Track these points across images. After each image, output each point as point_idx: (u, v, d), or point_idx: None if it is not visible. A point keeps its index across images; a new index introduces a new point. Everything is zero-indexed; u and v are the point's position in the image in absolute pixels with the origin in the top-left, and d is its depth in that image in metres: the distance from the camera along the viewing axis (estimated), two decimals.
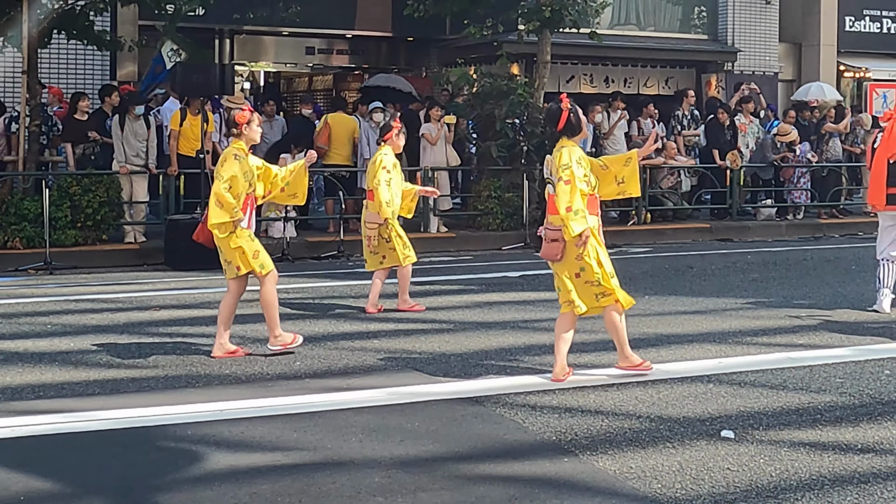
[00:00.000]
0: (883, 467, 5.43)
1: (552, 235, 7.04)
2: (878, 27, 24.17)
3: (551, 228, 7.07)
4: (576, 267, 7.06)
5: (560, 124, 7.10)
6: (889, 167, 9.79)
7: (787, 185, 18.13)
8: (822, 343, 8.41)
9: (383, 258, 9.77)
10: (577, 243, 6.92)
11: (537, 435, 5.96)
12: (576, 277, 7.09)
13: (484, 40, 16.82)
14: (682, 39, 21.95)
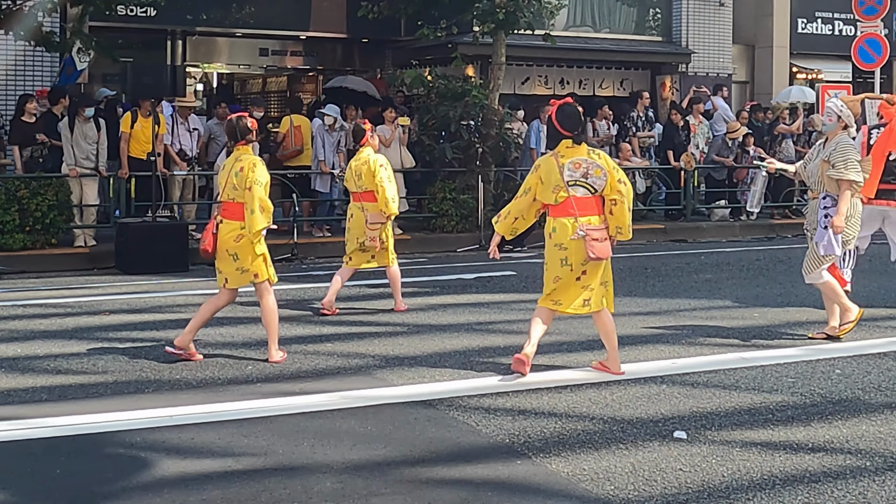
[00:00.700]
0: (833, 466, 5.47)
1: (601, 235, 7.16)
2: (830, 29, 24.39)
3: (596, 228, 7.16)
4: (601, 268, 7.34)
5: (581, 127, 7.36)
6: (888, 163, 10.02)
7: (741, 186, 18.26)
8: (774, 343, 8.46)
9: (372, 257, 9.84)
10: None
11: (490, 437, 5.94)
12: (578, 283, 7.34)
13: (439, 42, 16.80)
14: (636, 41, 22.03)
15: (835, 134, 8.52)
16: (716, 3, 22.49)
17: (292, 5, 19.10)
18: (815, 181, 8.55)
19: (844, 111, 8.46)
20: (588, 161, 7.12)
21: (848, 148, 8.40)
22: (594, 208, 7.18)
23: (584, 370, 7.48)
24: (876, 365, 7.68)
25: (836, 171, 8.30)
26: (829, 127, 8.55)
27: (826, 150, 8.46)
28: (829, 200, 8.39)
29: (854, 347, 8.27)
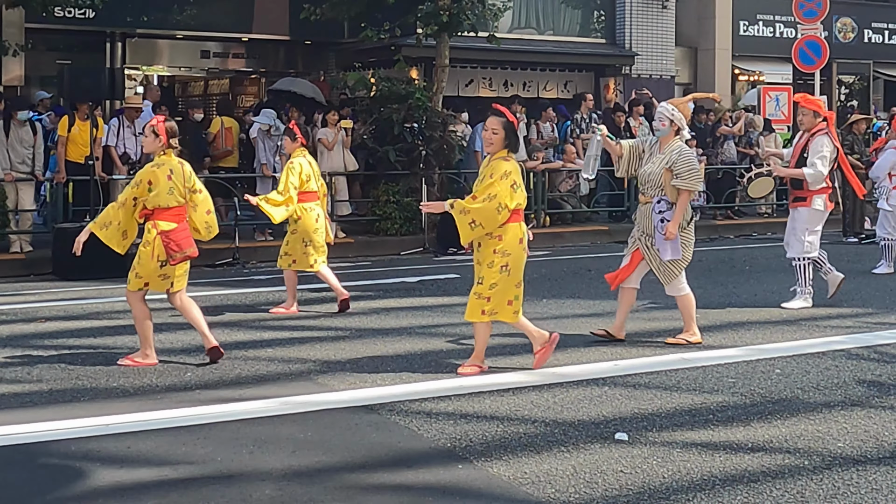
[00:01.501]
0: (772, 465, 5.49)
1: None
2: (772, 31, 24.69)
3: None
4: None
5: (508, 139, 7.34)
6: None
7: None
8: (715, 343, 8.50)
9: (293, 261, 9.81)
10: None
11: (432, 442, 5.90)
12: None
13: (382, 44, 16.75)
14: (580, 43, 22.15)
15: (669, 139, 8.30)
16: (659, 5, 22.67)
17: (234, 7, 18.96)
18: (653, 185, 8.32)
19: (676, 114, 8.25)
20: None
21: (691, 157, 8.28)
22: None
23: (526, 372, 7.46)
24: (815, 364, 7.74)
25: (684, 182, 8.18)
26: (663, 132, 8.30)
27: (667, 158, 8.22)
28: (665, 204, 8.25)
29: (794, 347, 8.33)
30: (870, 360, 7.89)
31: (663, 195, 8.27)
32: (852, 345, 8.42)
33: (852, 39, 25.67)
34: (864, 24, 25.99)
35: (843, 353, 8.13)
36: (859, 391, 7.00)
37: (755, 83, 24.11)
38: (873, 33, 26.31)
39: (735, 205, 19.01)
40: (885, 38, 26.52)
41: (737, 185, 19.17)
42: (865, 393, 6.96)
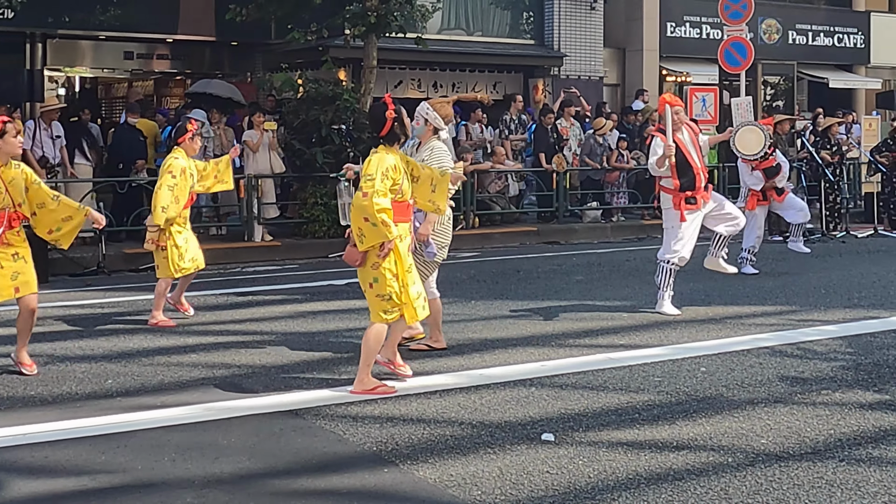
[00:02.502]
0: (697, 463, 5.51)
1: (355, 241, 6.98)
2: (699, 33, 24.94)
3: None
4: (370, 277, 6.97)
5: (384, 131, 6.95)
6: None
7: (611, 188, 18.50)
8: (642, 343, 8.54)
9: (157, 267, 9.61)
10: (378, 253, 6.85)
11: (357, 446, 5.85)
12: (368, 287, 7.02)
13: (309, 45, 16.62)
14: (509, 44, 22.20)
15: (427, 138, 8.01)
16: (587, 7, 22.79)
17: (159, 8, 18.66)
18: None
19: (431, 114, 7.95)
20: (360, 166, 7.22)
21: (444, 154, 7.97)
22: None
23: (453, 374, 7.43)
24: (739, 362, 7.80)
25: None
26: (418, 130, 8.00)
27: (421, 155, 7.91)
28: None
29: (719, 345, 8.39)
30: (793, 357, 7.97)
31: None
32: (776, 342, 8.50)
33: (777, 41, 26.03)
34: (789, 25, 26.38)
35: (768, 350, 8.21)
36: (783, 388, 7.06)
37: (683, 84, 24.34)
38: (797, 35, 26.71)
39: None
40: (808, 40, 26.95)
41: None
42: (789, 390, 7.02)
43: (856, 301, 10.50)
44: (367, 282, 6.98)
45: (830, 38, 27.37)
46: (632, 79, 24.16)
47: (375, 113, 7.07)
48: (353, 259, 6.97)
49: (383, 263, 6.88)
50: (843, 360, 7.90)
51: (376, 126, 7.01)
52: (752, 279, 11.92)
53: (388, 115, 6.92)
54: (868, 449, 5.74)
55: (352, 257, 6.97)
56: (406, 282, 6.99)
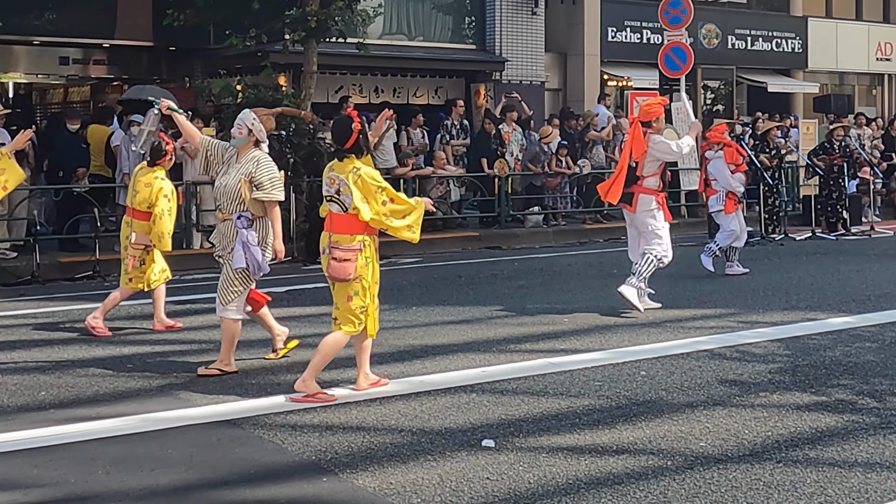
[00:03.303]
0: (636, 467, 5.53)
1: (344, 255, 6.90)
2: (639, 38, 25.12)
3: (342, 248, 6.91)
4: (351, 290, 6.99)
5: (349, 143, 6.97)
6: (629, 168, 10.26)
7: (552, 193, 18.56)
8: (582, 347, 8.56)
9: (130, 279, 9.52)
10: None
11: (296, 455, 5.79)
12: (346, 301, 7.01)
13: (249, 50, 16.47)
14: (451, 49, 22.20)
15: (247, 148, 7.60)
16: (528, 11, 22.86)
17: (95, 13, 18.41)
18: (230, 199, 7.59)
19: (256, 125, 7.56)
20: (341, 179, 6.98)
21: (271, 165, 7.63)
22: (350, 227, 6.95)
23: (394, 382, 7.38)
24: (679, 365, 7.85)
25: (264, 193, 7.50)
26: (240, 140, 7.60)
27: (244, 168, 7.54)
28: (245, 221, 7.55)
29: (659, 349, 8.44)
30: (732, 360, 8.03)
31: (244, 210, 7.56)
32: (715, 345, 8.56)
33: (717, 45, 26.28)
34: (728, 30, 26.67)
35: (707, 353, 8.27)
36: (721, 390, 7.11)
37: (624, 88, 24.50)
38: (736, 39, 27.01)
39: (604, 209, 19.25)
40: (747, 45, 27.27)
41: None
42: (727, 392, 7.07)
43: (794, 303, 10.62)
44: (347, 294, 6.98)
45: (769, 43, 27.72)
46: (573, 83, 24.28)
47: (341, 126, 7.06)
48: (345, 274, 6.89)
49: (364, 277, 6.96)
50: (781, 361, 7.97)
51: (342, 138, 7.00)
52: (692, 282, 12.01)
53: (354, 127, 6.96)
54: (805, 450, 5.80)
55: (344, 272, 6.89)
56: (373, 293, 7.11)
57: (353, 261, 6.91)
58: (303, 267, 14.14)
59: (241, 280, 7.71)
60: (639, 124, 10.30)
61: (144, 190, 9.43)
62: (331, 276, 6.99)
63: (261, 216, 7.66)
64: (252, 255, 7.57)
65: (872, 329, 9.23)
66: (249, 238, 7.55)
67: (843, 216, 18.45)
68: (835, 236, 17.84)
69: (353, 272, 6.90)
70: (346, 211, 6.95)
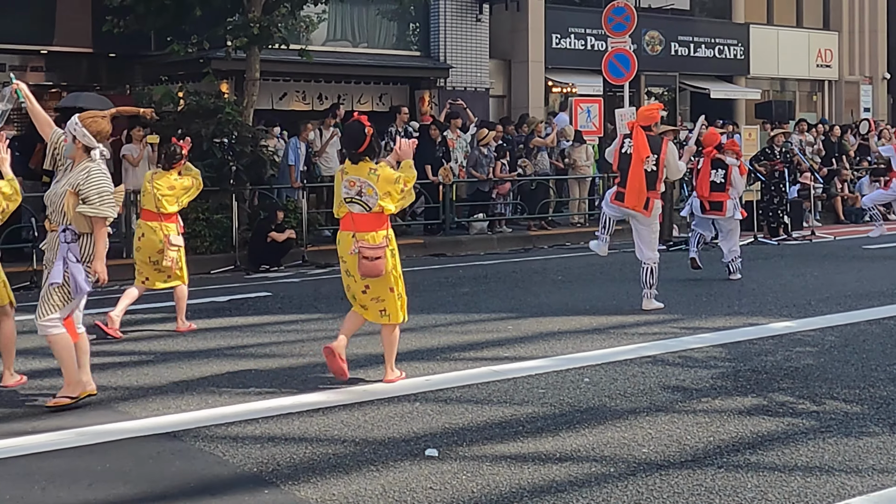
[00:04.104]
0: (580, 474, 5.52)
1: (375, 253, 7.24)
2: (583, 44, 25.22)
3: (371, 246, 7.24)
4: (390, 282, 7.45)
5: (363, 146, 7.34)
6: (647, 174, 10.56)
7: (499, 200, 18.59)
8: (526, 355, 8.55)
9: (168, 277, 9.95)
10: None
11: (237, 468, 5.72)
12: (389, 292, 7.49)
13: (190, 57, 16.31)
14: (395, 56, 22.14)
15: (81, 157, 7.02)
16: (473, 18, 22.88)
17: (33, 19, 18.12)
18: (57, 210, 7.03)
19: (79, 130, 6.96)
20: (362, 180, 7.29)
21: (102, 178, 7.00)
22: (374, 224, 7.34)
23: (337, 391, 7.32)
24: (622, 372, 7.87)
25: (90, 208, 6.91)
26: (68, 149, 7.02)
27: (74, 178, 6.97)
28: (70, 234, 6.98)
29: (603, 355, 8.45)
30: (674, 366, 8.07)
31: (69, 224, 6.99)
32: (658, 351, 8.60)
33: (660, 52, 26.49)
34: (671, 37, 26.88)
35: (650, 359, 8.30)
36: (664, 397, 7.13)
37: (568, 95, 24.60)
38: (680, 46, 27.23)
39: (549, 215, 19.32)
40: (690, 51, 27.50)
41: (550, 196, 19.54)
42: (670, 398, 7.10)
43: (736, 308, 10.71)
44: (388, 287, 7.47)
45: (711, 50, 27.98)
46: (517, 90, 24.33)
47: (353, 131, 7.44)
48: (378, 271, 7.31)
49: (394, 267, 7.46)
50: (723, 367, 8.02)
51: (355, 143, 7.39)
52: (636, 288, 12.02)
53: (367, 131, 7.32)
54: (746, 455, 5.83)
55: (377, 270, 7.29)
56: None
57: (384, 257, 7.29)
58: (245, 276, 14.01)
59: (60, 296, 6.99)
60: (640, 128, 10.61)
61: (171, 193, 9.88)
62: (365, 275, 7.30)
63: (87, 232, 7.02)
64: (72, 272, 6.94)
65: (813, 333, 9.33)
66: (70, 254, 6.96)
67: (785, 221, 18.67)
68: (776, 241, 18.05)
69: (385, 267, 7.30)
70: (369, 210, 7.32)
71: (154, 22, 15.91)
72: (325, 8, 18.54)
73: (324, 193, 17.03)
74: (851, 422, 6.46)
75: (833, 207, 22.56)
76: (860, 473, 5.50)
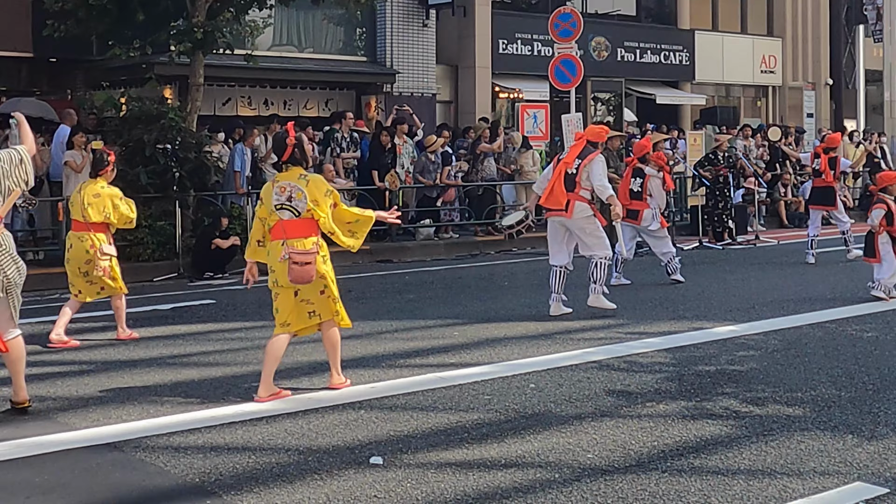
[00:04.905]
0: (524, 480, 5.51)
1: (305, 259, 7.20)
2: (530, 50, 25.32)
3: (301, 252, 7.20)
4: (320, 285, 7.38)
5: (284, 156, 7.38)
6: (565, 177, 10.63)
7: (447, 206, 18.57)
8: (472, 361, 8.52)
9: (101, 289, 9.69)
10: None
11: (179, 478, 5.64)
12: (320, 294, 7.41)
13: (132, 62, 16.12)
14: (341, 61, 22.10)
15: None
16: (419, 23, 22.89)
17: None
18: None
19: None
20: (292, 185, 7.28)
21: None
22: (304, 230, 7.30)
23: (280, 400, 7.24)
24: (568, 377, 7.87)
25: None
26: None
27: None
28: None
29: (549, 361, 8.44)
30: (620, 371, 8.08)
31: None
32: (604, 356, 8.61)
33: (606, 58, 26.67)
34: (618, 43, 27.07)
35: (596, 364, 8.31)
36: (609, 402, 7.14)
37: (515, 100, 24.67)
38: (626, 52, 27.45)
39: (496, 221, 19.32)
40: (636, 57, 27.72)
41: (497, 201, 19.56)
42: (615, 403, 7.11)
43: (681, 313, 10.76)
44: (318, 290, 7.39)
45: (657, 56, 28.23)
46: (464, 96, 24.37)
47: (276, 139, 7.60)
48: (308, 277, 7.25)
49: (327, 272, 7.38)
50: (668, 371, 8.05)
51: (279, 152, 7.45)
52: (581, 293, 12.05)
53: (288, 140, 7.36)
54: (689, 459, 5.85)
55: (306, 275, 7.24)
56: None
57: (314, 262, 7.24)
58: (189, 284, 13.86)
59: None
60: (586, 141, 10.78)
61: (96, 201, 9.57)
62: (294, 281, 7.25)
63: None
64: None
65: (756, 337, 9.40)
66: None
67: (729, 226, 18.82)
68: (721, 246, 18.19)
69: (315, 273, 7.23)
70: (299, 215, 7.27)
71: (96, 26, 15.71)
72: (271, 13, 18.43)
73: None
74: (793, 425, 6.51)
75: (777, 212, 22.81)
76: (801, 476, 5.54)
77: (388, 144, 18.07)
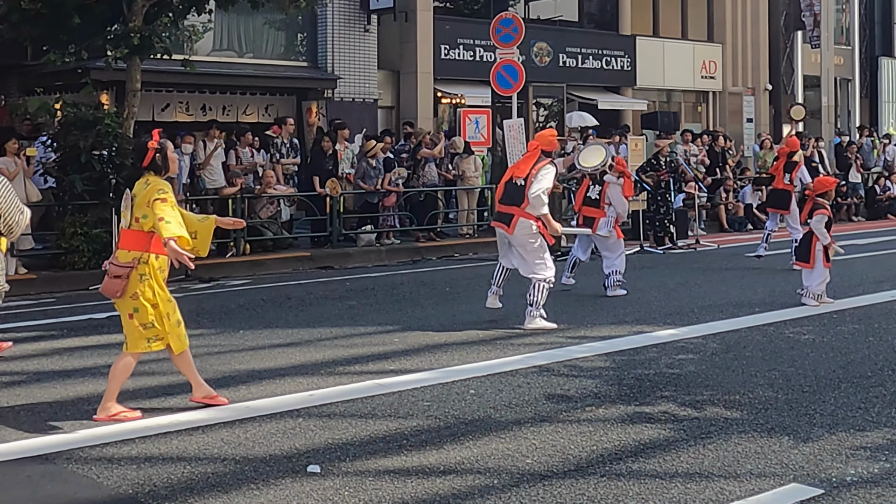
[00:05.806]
0: (463, 487, 5.48)
1: (116, 272, 6.91)
2: (472, 55, 25.32)
3: (116, 264, 6.93)
4: (129, 307, 6.96)
5: (145, 161, 7.12)
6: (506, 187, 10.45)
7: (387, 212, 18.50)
8: (412, 367, 8.47)
9: None
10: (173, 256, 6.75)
11: (112, 490, 5.53)
12: (128, 318, 6.99)
13: (68, 67, 15.87)
14: (282, 66, 21.96)
15: None
16: (361, 29, 22.81)
17: None
18: None
19: None
20: (131, 193, 7.10)
21: None
22: (129, 242, 7.00)
23: (217, 409, 7.14)
24: (508, 382, 7.84)
25: None
26: None
27: None
28: None
29: (488, 366, 8.41)
30: (560, 375, 8.08)
31: None
32: (544, 361, 8.60)
33: (548, 63, 26.75)
34: (559, 48, 27.16)
35: (536, 369, 8.30)
36: (549, 406, 7.13)
37: (457, 106, 24.67)
38: (568, 57, 27.53)
39: (437, 226, 19.30)
40: (578, 62, 27.83)
41: (438, 207, 19.53)
42: (554, 408, 7.09)
43: (622, 317, 10.80)
44: (128, 312, 6.99)
45: (599, 61, 28.37)
46: (406, 101, 24.32)
47: (138, 145, 7.34)
48: (112, 291, 6.94)
49: (142, 293, 6.91)
50: (608, 375, 8.06)
51: (139, 157, 7.18)
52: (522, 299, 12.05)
53: (149, 145, 7.11)
54: (628, 463, 5.85)
55: (111, 289, 6.94)
56: (167, 311, 7.03)
57: (124, 278, 6.89)
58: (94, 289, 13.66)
59: None
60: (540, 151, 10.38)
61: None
62: (102, 292, 7.05)
63: None
64: None
65: (696, 341, 9.45)
66: None
67: (670, 230, 18.97)
68: (662, 250, 18.32)
69: (123, 290, 6.90)
70: (128, 226, 7.02)
71: (30, 31, 15.39)
72: (211, 17, 18.24)
73: (208, 206, 16.69)
74: (731, 427, 6.53)
75: (717, 216, 23.02)
76: (738, 478, 5.56)
77: (329, 150, 17.98)
